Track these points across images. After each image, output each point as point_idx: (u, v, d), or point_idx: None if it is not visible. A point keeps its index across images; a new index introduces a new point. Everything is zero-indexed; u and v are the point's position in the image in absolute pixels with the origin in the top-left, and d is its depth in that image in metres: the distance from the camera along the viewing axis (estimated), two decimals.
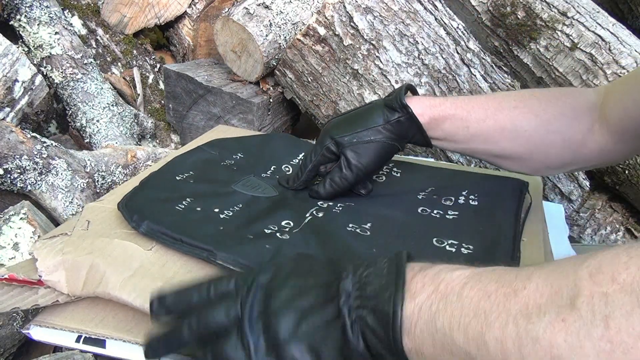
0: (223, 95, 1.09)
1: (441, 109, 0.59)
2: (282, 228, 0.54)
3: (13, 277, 0.46)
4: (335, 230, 0.54)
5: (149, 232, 0.51)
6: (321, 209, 0.59)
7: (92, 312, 0.47)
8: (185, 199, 0.57)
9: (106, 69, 1.23)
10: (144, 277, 0.46)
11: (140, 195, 0.58)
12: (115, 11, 1.24)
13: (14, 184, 0.80)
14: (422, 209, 0.60)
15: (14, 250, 0.72)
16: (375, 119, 0.60)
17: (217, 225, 0.53)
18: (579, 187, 1.01)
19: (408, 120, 0.59)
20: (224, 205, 0.58)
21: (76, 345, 0.45)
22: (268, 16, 1.07)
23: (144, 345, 0.38)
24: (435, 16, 1.04)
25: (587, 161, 0.60)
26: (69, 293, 0.47)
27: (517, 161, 0.61)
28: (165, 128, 1.24)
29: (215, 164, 0.70)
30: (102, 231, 0.52)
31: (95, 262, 0.47)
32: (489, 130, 0.59)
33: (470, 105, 0.59)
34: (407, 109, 0.59)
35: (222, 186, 0.63)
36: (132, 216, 0.52)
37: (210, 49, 1.33)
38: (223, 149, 0.75)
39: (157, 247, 0.50)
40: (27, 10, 1.05)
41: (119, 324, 0.45)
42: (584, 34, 1.10)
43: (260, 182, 0.66)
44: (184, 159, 0.70)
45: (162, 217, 0.53)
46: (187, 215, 0.55)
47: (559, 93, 0.62)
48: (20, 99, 0.97)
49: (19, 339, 0.71)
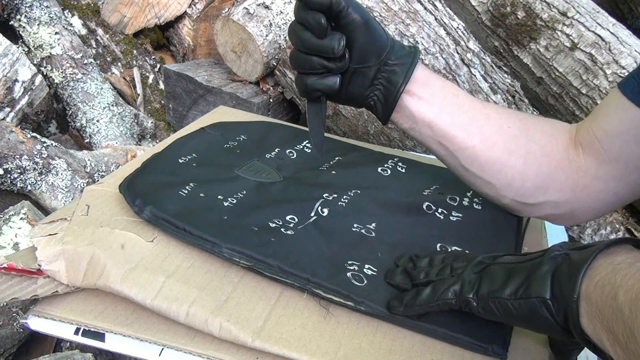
0: (223, 95, 1.09)
1: (437, 78, 0.55)
2: (286, 223, 0.53)
3: (12, 266, 0.45)
4: (340, 230, 0.54)
5: (152, 219, 0.50)
6: (326, 202, 0.58)
7: (91, 304, 0.46)
8: (188, 184, 0.57)
9: (106, 69, 1.23)
10: (145, 270, 0.45)
11: (142, 179, 0.57)
12: (115, 11, 1.24)
13: (14, 184, 0.80)
14: (427, 205, 0.59)
15: (14, 250, 0.72)
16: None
17: (222, 214, 0.53)
18: None
19: (410, 52, 0.53)
20: (228, 191, 0.57)
21: (74, 338, 0.45)
22: (268, 16, 1.07)
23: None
24: (435, 16, 1.04)
25: (561, 192, 0.54)
26: (68, 284, 0.46)
27: (494, 161, 0.54)
28: (165, 128, 1.24)
29: (218, 147, 0.69)
30: (102, 217, 0.51)
31: (96, 254, 0.46)
32: (475, 109, 0.54)
33: (460, 89, 0.57)
34: (417, 51, 0.54)
35: (225, 171, 0.62)
36: (135, 200, 0.52)
37: (210, 49, 1.33)
38: (227, 130, 0.74)
39: (159, 239, 0.50)
40: (27, 10, 1.05)
41: (119, 318, 0.45)
42: (584, 34, 1.10)
43: (264, 167, 0.65)
44: (186, 140, 0.68)
45: (166, 203, 0.52)
46: (190, 202, 0.54)
47: (538, 117, 0.61)
48: (20, 99, 0.97)
49: (19, 339, 0.71)
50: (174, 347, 0.43)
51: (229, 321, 0.42)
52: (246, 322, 0.42)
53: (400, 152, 0.75)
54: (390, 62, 0.53)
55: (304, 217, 0.54)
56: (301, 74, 0.52)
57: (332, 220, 0.55)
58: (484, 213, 0.59)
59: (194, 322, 0.42)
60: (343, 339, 0.42)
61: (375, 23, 0.52)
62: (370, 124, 1.03)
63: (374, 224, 0.55)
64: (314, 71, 0.51)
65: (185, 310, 0.42)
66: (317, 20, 0.48)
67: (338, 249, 0.50)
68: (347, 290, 0.45)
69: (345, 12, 0.49)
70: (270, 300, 0.45)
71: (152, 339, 0.44)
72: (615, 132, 0.50)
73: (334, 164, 0.68)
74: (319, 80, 0.51)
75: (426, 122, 0.54)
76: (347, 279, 0.46)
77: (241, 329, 0.41)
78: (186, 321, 0.42)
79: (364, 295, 0.44)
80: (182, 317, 0.42)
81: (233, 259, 0.47)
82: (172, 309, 0.43)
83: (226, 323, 0.42)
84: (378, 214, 0.57)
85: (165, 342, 0.43)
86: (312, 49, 0.50)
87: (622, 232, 1.07)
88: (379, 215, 0.57)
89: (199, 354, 0.43)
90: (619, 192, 0.53)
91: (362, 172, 0.66)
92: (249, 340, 0.41)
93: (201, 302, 0.43)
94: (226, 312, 0.43)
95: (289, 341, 0.41)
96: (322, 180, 0.63)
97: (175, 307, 0.43)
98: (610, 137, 0.50)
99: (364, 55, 0.52)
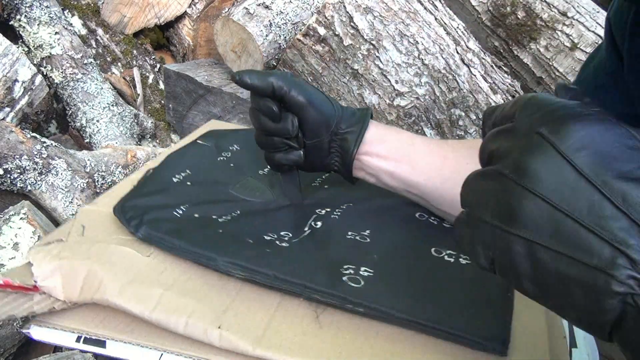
0: (223, 95, 1.09)
1: (388, 132, 0.58)
2: (281, 237, 0.54)
3: (8, 282, 0.45)
4: (335, 238, 0.54)
5: (147, 238, 0.51)
6: (319, 217, 0.59)
7: (92, 312, 0.47)
8: (183, 205, 0.57)
9: (106, 69, 1.23)
10: (142, 283, 0.46)
11: (136, 201, 0.57)
12: (115, 11, 1.24)
13: (14, 184, 0.80)
14: (419, 214, 0.60)
15: (14, 250, 0.72)
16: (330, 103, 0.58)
17: (217, 228, 0.53)
18: None
19: (362, 117, 0.57)
20: (222, 211, 0.58)
21: (76, 346, 0.45)
22: (268, 16, 1.07)
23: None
24: (435, 16, 1.04)
25: None
26: (65, 299, 0.46)
27: (456, 196, 0.56)
28: (165, 128, 1.24)
29: (211, 160, 0.69)
30: (98, 237, 0.51)
31: (92, 268, 0.46)
32: (432, 153, 0.56)
33: (416, 135, 0.58)
34: (367, 114, 0.57)
35: (219, 190, 0.63)
36: (130, 222, 0.52)
37: (210, 49, 1.33)
38: (219, 139, 0.74)
39: (155, 254, 0.50)
40: (27, 10, 1.05)
41: (120, 325, 0.45)
42: (584, 34, 1.10)
43: (258, 185, 0.66)
44: (179, 155, 0.69)
45: (160, 223, 0.53)
46: (185, 222, 0.54)
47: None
48: (20, 99, 0.97)
49: (19, 339, 0.71)
50: (174, 352, 0.43)
51: (228, 330, 0.42)
52: (246, 331, 0.42)
53: None
54: (340, 131, 0.57)
55: (298, 232, 0.55)
56: (269, 152, 0.58)
57: (327, 231, 0.56)
58: None
59: (193, 332, 0.42)
60: (344, 344, 0.42)
61: (318, 100, 0.56)
62: None
63: (368, 231, 0.56)
64: (278, 150, 0.57)
65: (185, 321, 0.43)
66: (269, 107, 0.53)
67: (333, 256, 0.51)
68: (344, 292, 0.45)
69: (288, 95, 0.54)
70: (270, 309, 0.45)
71: (152, 345, 0.44)
72: None
73: (326, 178, 0.69)
74: (284, 156, 0.57)
75: (388, 175, 0.57)
76: (344, 282, 0.46)
77: (241, 337, 0.41)
78: (185, 332, 0.43)
79: (362, 297, 0.44)
80: (181, 328, 0.43)
81: (229, 271, 0.47)
82: (171, 321, 0.43)
83: (226, 332, 0.42)
84: (372, 221, 0.58)
85: (165, 348, 0.44)
86: (272, 132, 0.55)
87: None
88: (373, 223, 0.58)
89: (198, 358, 0.43)
90: None
91: (354, 185, 0.66)
92: (250, 349, 0.41)
93: (200, 313, 0.43)
94: (226, 322, 0.43)
95: (290, 348, 0.41)
96: (315, 196, 0.64)
97: (174, 319, 0.43)
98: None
99: (314, 131, 0.57)
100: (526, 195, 0.25)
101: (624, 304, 0.24)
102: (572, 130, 0.25)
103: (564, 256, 0.25)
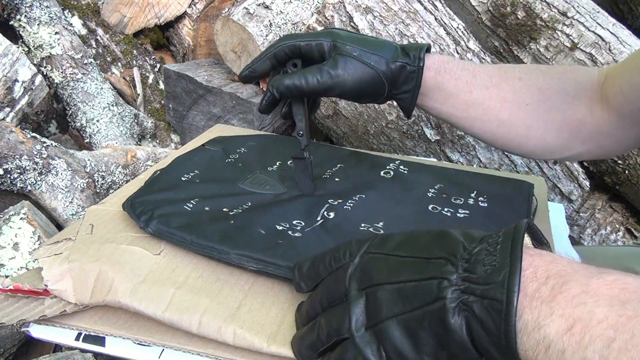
0: (223, 95, 1.09)
1: (449, 66, 0.59)
2: (293, 226, 0.53)
3: (18, 287, 0.45)
4: (348, 230, 0.54)
5: (157, 232, 0.50)
6: (332, 207, 0.58)
7: (92, 310, 0.46)
8: (193, 199, 0.57)
9: (106, 69, 1.23)
10: (154, 283, 0.45)
11: (146, 197, 0.57)
12: (115, 11, 1.24)
13: (14, 184, 0.80)
14: (432, 207, 0.60)
15: (14, 250, 0.72)
16: (385, 51, 0.58)
17: (228, 220, 0.53)
18: (579, 187, 1.01)
19: (413, 72, 0.58)
20: (233, 204, 0.57)
21: (76, 343, 0.45)
22: (268, 16, 1.07)
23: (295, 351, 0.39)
24: (435, 16, 1.04)
25: (585, 145, 0.59)
26: (76, 302, 0.45)
27: (514, 138, 0.60)
28: (165, 128, 1.24)
29: (220, 162, 0.69)
30: (107, 235, 0.51)
31: (103, 270, 0.46)
32: (491, 98, 0.58)
33: (477, 70, 0.59)
34: (421, 62, 0.57)
35: (229, 185, 0.62)
36: (140, 217, 0.52)
37: (210, 49, 1.33)
38: (227, 144, 0.74)
39: (166, 251, 0.50)
40: (27, 10, 1.05)
41: (119, 321, 0.45)
42: (584, 34, 1.10)
43: (267, 179, 0.65)
44: (187, 158, 0.69)
45: (171, 217, 0.52)
46: (196, 215, 0.54)
47: (563, 69, 0.62)
48: (20, 99, 0.97)
49: (19, 339, 0.71)
50: (174, 347, 0.43)
51: (242, 328, 0.42)
52: (260, 327, 0.42)
53: (401, 156, 0.75)
54: (394, 94, 0.60)
55: (310, 221, 0.55)
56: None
57: (340, 221, 0.55)
58: (491, 209, 0.59)
59: (207, 331, 0.42)
60: None
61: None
62: (370, 124, 1.03)
63: (381, 223, 0.56)
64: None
65: (198, 320, 0.42)
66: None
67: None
68: None
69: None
70: (284, 305, 0.45)
71: (151, 340, 0.44)
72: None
73: (336, 170, 0.68)
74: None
75: (447, 114, 0.62)
76: None
77: (255, 334, 0.41)
78: (199, 331, 0.42)
79: None
80: (194, 327, 0.42)
81: (242, 264, 0.47)
82: (184, 320, 0.42)
83: (240, 330, 0.41)
84: (385, 213, 0.58)
85: (165, 343, 0.43)
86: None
87: (622, 232, 1.07)
88: (386, 214, 0.57)
89: (197, 353, 0.43)
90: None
91: (365, 177, 0.66)
92: (264, 346, 0.41)
93: (213, 310, 0.43)
94: (239, 319, 0.43)
95: None
96: (326, 187, 0.64)
97: (187, 318, 0.42)
98: (635, 91, 0.53)
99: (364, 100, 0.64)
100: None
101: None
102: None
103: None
